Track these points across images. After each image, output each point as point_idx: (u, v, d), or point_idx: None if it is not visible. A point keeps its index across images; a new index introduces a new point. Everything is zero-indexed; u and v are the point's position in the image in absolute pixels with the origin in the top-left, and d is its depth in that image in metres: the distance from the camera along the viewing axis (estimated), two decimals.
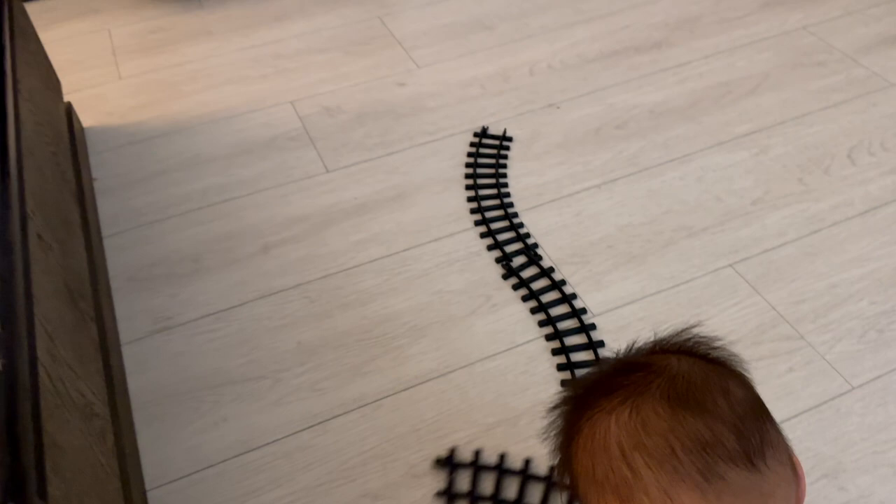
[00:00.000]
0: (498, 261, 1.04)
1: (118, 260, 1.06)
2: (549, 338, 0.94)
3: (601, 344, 0.93)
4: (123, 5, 1.63)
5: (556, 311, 0.97)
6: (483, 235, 1.08)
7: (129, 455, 0.84)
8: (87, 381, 0.79)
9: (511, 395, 0.88)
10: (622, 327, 0.95)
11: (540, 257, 1.04)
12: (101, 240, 1.09)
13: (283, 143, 1.25)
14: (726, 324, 0.95)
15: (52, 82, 1.22)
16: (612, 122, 1.26)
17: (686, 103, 1.30)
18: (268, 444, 0.85)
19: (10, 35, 0.95)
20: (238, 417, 0.88)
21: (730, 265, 1.02)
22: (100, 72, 1.44)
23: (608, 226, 1.09)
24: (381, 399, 0.89)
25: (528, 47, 1.45)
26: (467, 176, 1.17)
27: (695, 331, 0.50)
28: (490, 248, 1.06)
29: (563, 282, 1.01)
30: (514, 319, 0.97)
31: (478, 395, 0.89)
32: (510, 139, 1.24)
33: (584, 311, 0.97)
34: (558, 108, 1.30)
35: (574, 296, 0.99)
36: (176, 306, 1.00)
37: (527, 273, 1.02)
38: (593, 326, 0.95)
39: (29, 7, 1.17)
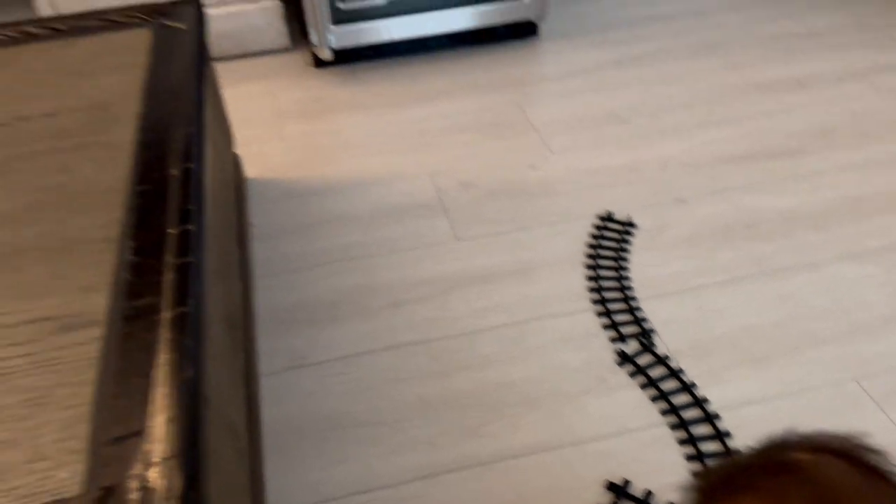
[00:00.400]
0: (613, 341, 1.07)
1: (266, 300, 1.17)
2: (673, 427, 0.95)
3: (728, 434, 0.94)
4: (291, 74, 1.82)
5: (676, 400, 0.98)
6: (600, 314, 1.11)
7: (257, 480, 0.91)
8: (235, 404, 0.87)
9: (619, 479, 0.90)
10: (739, 426, 0.95)
11: (654, 345, 1.06)
12: (252, 280, 1.20)
13: (420, 211, 1.35)
14: None
15: (228, 135, 1.38)
16: (741, 222, 1.28)
17: (818, 211, 1.30)
18: (383, 487, 0.90)
19: (210, 92, 1.10)
20: (357, 459, 0.93)
21: (855, 380, 1.00)
22: (265, 130, 1.60)
23: (731, 323, 1.09)
24: (493, 463, 0.92)
25: (660, 142, 1.50)
26: (589, 256, 1.22)
27: (857, 436, 0.42)
28: (606, 328, 1.09)
29: (680, 370, 1.02)
30: (630, 405, 0.98)
31: (587, 474, 0.91)
32: (634, 226, 1.28)
33: (706, 400, 0.98)
34: (687, 203, 1.33)
35: (694, 385, 1.00)
36: (311, 347, 1.08)
37: (642, 360, 1.04)
38: (718, 416, 0.96)
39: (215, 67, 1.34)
